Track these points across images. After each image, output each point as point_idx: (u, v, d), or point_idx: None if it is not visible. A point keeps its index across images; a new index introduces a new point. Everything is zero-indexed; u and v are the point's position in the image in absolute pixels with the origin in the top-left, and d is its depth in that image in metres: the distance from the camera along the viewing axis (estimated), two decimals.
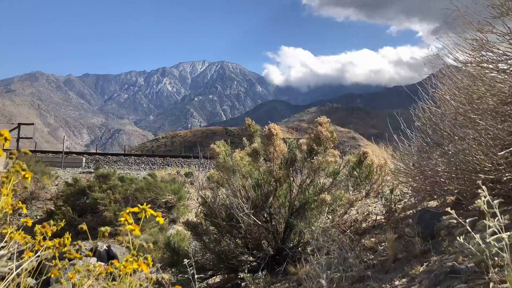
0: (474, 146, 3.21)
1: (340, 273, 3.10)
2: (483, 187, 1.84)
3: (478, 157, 3.10)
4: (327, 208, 4.97)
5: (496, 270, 2.00)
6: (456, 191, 3.40)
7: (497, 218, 1.83)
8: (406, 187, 5.13)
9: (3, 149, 1.40)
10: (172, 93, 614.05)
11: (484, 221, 1.90)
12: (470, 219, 2.10)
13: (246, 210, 4.62)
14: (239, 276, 4.07)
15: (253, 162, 5.18)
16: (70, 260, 2.01)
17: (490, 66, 3.44)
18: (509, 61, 3.33)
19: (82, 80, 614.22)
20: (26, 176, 1.50)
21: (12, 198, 1.52)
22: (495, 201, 1.84)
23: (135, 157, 24.15)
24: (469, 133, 3.37)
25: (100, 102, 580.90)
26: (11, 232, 1.69)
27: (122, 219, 1.56)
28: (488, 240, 1.94)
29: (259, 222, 4.72)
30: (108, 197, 10.99)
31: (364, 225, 5.14)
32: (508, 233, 1.82)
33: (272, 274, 4.65)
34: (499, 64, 3.39)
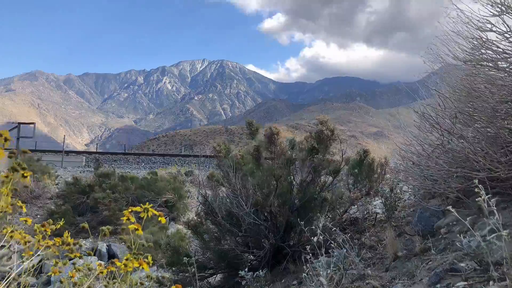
0: (473, 144, 3.21)
1: (341, 271, 3.10)
2: (480, 186, 1.84)
3: (478, 155, 3.10)
4: (328, 206, 4.97)
5: (496, 267, 2.01)
6: (456, 189, 3.41)
7: (495, 216, 1.84)
8: (406, 186, 5.14)
9: (3, 149, 1.40)
10: (172, 92, 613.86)
11: (484, 219, 1.90)
12: (470, 217, 2.10)
13: (246, 209, 4.62)
14: (239, 275, 4.07)
15: (254, 161, 5.19)
16: (70, 259, 2.02)
17: (490, 64, 3.44)
18: (508, 59, 3.33)
19: (82, 79, 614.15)
20: (25, 175, 1.49)
21: (12, 197, 1.53)
22: (493, 200, 1.85)
23: (135, 156, 24.17)
24: (468, 131, 3.37)
25: (100, 101, 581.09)
26: (11, 231, 1.70)
27: (125, 218, 1.56)
28: (488, 238, 1.94)
29: (260, 221, 4.73)
30: (108, 197, 11.00)
31: (364, 223, 5.14)
32: (507, 230, 1.83)
33: (272, 272, 4.65)
34: (499, 62, 3.39)
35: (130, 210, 1.57)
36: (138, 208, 1.57)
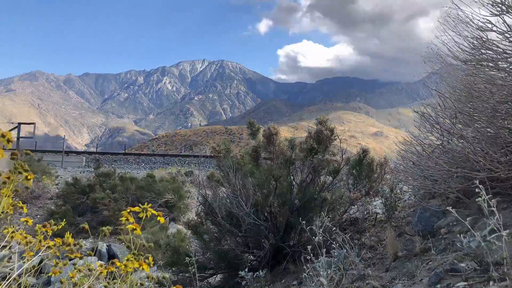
0: (474, 144, 3.21)
1: (341, 271, 3.10)
2: (480, 186, 1.84)
3: (478, 155, 3.10)
4: (328, 206, 4.97)
5: (496, 267, 2.01)
6: (456, 189, 3.41)
7: (496, 216, 1.84)
8: (406, 186, 5.14)
9: (4, 149, 1.40)
10: (172, 92, 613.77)
11: (484, 219, 1.90)
12: (470, 217, 2.10)
13: (246, 209, 4.62)
14: (239, 275, 4.07)
15: (254, 161, 5.19)
16: (70, 259, 2.02)
17: (490, 64, 3.44)
18: (509, 59, 3.33)
19: (82, 79, 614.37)
20: (29, 178, 1.50)
21: (13, 198, 1.53)
22: (494, 200, 1.84)
23: (135, 156, 24.17)
24: (468, 131, 3.37)
25: (100, 101, 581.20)
26: (12, 232, 1.70)
27: (123, 218, 1.56)
28: (488, 238, 1.94)
29: (260, 221, 4.72)
30: (108, 197, 11.00)
31: (364, 223, 5.14)
32: (507, 231, 1.83)
33: (272, 273, 4.65)
34: (499, 62, 3.39)
35: (128, 210, 1.57)
36: (137, 208, 1.57)
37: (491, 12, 3.37)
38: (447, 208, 2.10)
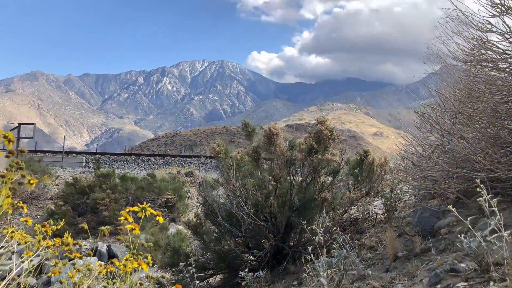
0: (474, 144, 3.21)
1: (341, 272, 3.10)
2: (482, 186, 1.84)
3: (478, 155, 3.10)
4: (328, 206, 4.97)
5: (496, 268, 2.00)
6: (456, 189, 3.40)
7: (497, 216, 1.83)
8: (406, 186, 5.13)
9: (2, 149, 1.40)
10: (172, 92, 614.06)
11: (485, 219, 1.90)
12: (471, 217, 2.10)
13: (246, 210, 4.62)
14: (239, 276, 4.07)
15: (253, 161, 5.18)
16: (70, 259, 2.01)
17: (490, 64, 3.43)
18: (509, 59, 3.33)
19: (82, 80, 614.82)
20: (32, 182, 1.50)
21: (12, 197, 1.52)
22: (494, 200, 1.84)
23: (135, 157, 24.17)
24: (469, 131, 3.36)
25: (100, 102, 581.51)
26: (12, 232, 1.69)
27: (122, 218, 1.56)
28: (488, 239, 1.94)
29: (260, 222, 4.72)
30: (108, 197, 10.99)
31: (364, 224, 5.14)
32: (508, 231, 1.82)
33: (272, 273, 4.65)
34: (499, 63, 3.39)
35: (127, 210, 1.57)
36: (135, 208, 1.57)
37: (491, 13, 3.37)
38: (448, 207, 2.10)
